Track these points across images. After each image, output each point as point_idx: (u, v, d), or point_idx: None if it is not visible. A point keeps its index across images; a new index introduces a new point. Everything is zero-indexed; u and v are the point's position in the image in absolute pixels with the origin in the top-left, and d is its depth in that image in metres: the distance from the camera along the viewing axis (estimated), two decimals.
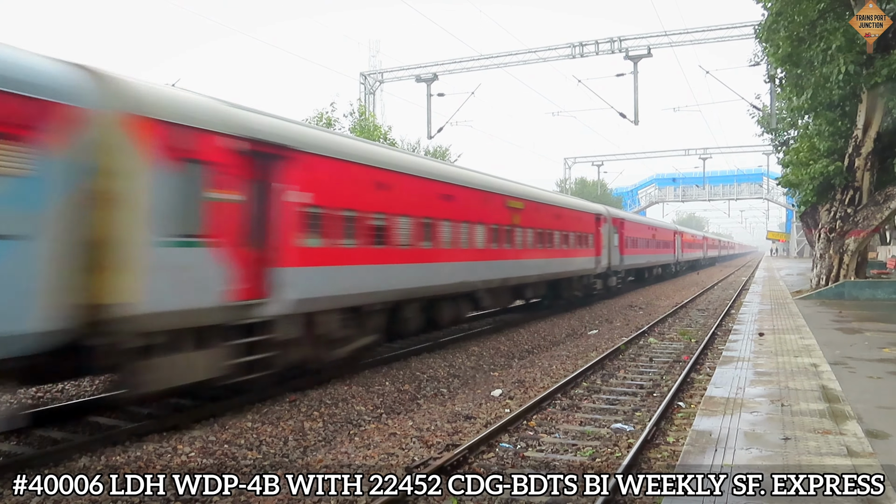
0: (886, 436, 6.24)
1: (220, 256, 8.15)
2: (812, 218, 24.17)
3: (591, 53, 30.91)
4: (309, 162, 9.84)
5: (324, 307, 10.20)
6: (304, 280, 9.64)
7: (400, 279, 12.30)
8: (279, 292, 9.06)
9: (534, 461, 7.25)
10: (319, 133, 11.15)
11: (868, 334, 13.20)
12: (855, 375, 9.11)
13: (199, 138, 7.91)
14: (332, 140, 11.51)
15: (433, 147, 38.69)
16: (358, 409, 9.51)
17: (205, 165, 7.96)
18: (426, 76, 31.92)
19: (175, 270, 7.56)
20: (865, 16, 16.09)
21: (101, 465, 6.81)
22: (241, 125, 8.68)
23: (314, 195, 9.90)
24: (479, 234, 15.47)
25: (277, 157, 9.11)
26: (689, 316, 22.40)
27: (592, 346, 15.41)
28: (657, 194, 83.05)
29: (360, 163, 11.26)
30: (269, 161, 8.95)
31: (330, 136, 11.99)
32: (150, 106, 7.46)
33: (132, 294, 7.09)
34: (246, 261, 8.54)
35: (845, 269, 21.64)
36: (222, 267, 8.17)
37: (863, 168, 20.69)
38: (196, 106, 8.25)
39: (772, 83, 27.11)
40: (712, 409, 7.31)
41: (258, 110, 9.71)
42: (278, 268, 9.05)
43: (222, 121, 8.40)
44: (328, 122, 31.50)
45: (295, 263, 9.42)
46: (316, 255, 9.97)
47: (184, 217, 7.71)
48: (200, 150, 7.92)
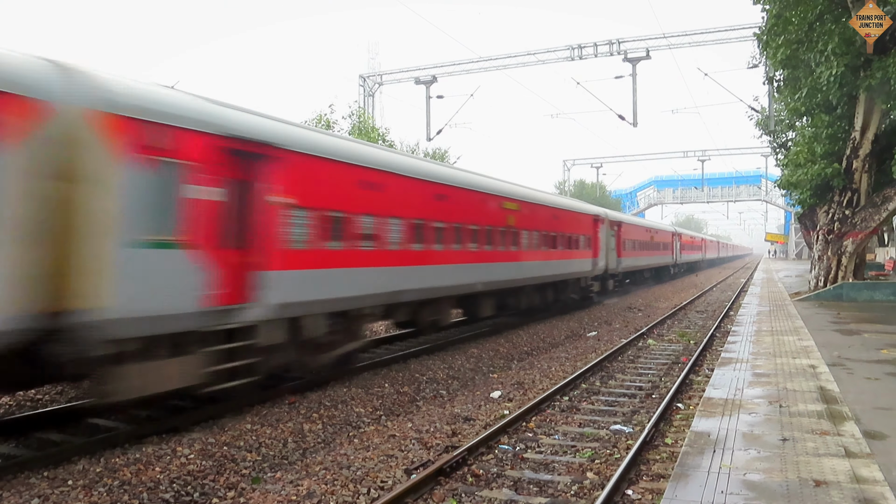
0: (884, 437, 6.26)
1: (198, 259, 7.90)
2: (810, 220, 24.24)
3: (589, 56, 30.95)
4: (293, 161, 9.54)
5: (310, 311, 9.97)
6: (289, 283, 9.40)
7: (391, 282, 12.10)
8: (263, 296, 8.84)
9: (533, 462, 7.26)
10: (304, 131, 10.71)
11: (866, 336, 13.22)
12: (853, 377, 9.13)
13: (173, 136, 7.61)
14: (317, 139, 11.03)
15: (432, 149, 38.71)
16: (357, 411, 9.52)
17: (180, 164, 7.68)
18: (425, 78, 31.97)
19: (147, 274, 7.29)
20: (865, 16, 16.10)
21: (101, 467, 6.82)
22: (220, 122, 8.36)
23: (299, 196, 9.63)
24: (472, 236, 15.24)
25: (260, 156, 8.86)
26: (687, 318, 22.42)
27: (591, 348, 15.42)
28: (656, 196, 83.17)
29: (348, 162, 10.93)
30: (250, 160, 8.70)
31: (315, 134, 11.47)
32: (121, 102, 7.12)
33: (100, 299, 6.78)
34: (226, 264, 8.30)
35: (843, 271, 21.68)
36: (200, 270, 7.92)
37: (860, 170, 20.75)
38: (170, 102, 7.89)
39: (770, 85, 27.18)
40: (711, 411, 7.32)
41: (240, 107, 9.40)
42: (261, 271, 8.82)
43: (199, 118, 8.07)
44: (327, 124, 31.54)
45: (279, 267, 9.20)
46: (301, 258, 9.73)
47: (156, 218, 7.43)
48: (175, 149, 7.63)
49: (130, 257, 7.10)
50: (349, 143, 12.67)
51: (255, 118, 9.44)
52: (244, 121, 9.01)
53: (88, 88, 6.97)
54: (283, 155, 9.32)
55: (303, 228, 9.72)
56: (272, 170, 9.08)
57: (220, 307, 8.20)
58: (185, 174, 7.76)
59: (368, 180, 11.43)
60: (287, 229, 9.38)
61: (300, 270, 9.67)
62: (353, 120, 33.61)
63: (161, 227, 7.49)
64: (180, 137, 7.73)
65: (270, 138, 9.20)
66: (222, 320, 8.29)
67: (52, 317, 6.51)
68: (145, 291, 7.27)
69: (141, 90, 7.72)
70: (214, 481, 6.72)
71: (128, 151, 7.11)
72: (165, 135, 7.54)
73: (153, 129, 7.40)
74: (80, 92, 6.86)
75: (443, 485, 6.55)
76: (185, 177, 7.75)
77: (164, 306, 7.50)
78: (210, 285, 8.03)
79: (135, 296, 7.13)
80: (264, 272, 8.86)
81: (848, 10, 18.13)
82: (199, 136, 7.98)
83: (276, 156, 9.15)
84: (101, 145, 6.89)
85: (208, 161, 8.07)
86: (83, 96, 6.86)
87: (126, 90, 7.43)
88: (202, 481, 6.69)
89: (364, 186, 11.30)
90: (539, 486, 6.58)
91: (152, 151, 7.38)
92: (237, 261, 8.48)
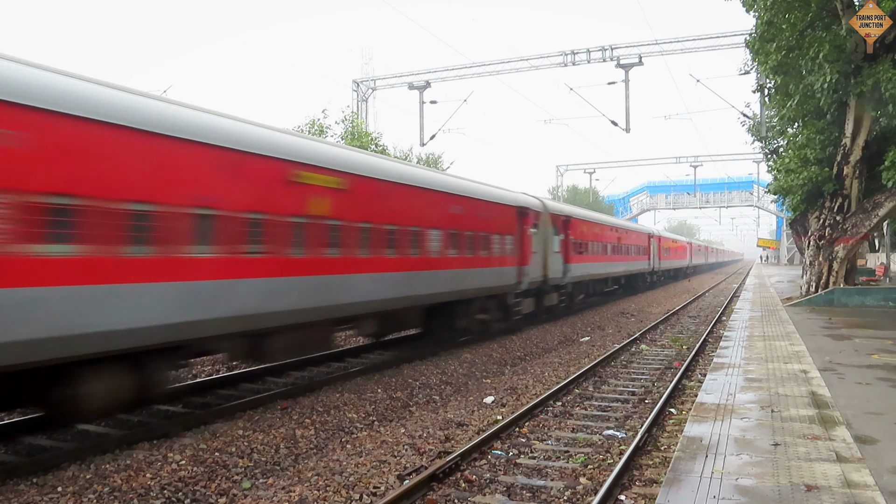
0: (875, 441, 6.29)
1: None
2: (802, 225, 24.34)
3: (582, 62, 31.07)
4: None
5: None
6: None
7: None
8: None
9: (526, 468, 7.25)
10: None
11: (857, 340, 13.28)
12: (844, 381, 9.16)
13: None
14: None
15: (426, 154, 38.68)
16: (350, 417, 9.49)
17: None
18: (419, 83, 32.05)
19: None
20: (865, 16, 16.15)
21: (91, 473, 6.77)
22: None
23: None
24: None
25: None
26: (680, 323, 22.49)
27: (585, 353, 15.44)
28: (649, 202, 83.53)
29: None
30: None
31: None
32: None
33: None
34: None
35: (835, 276, 21.80)
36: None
37: (851, 176, 20.89)
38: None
39: (761, 93, 27.36)
40: (703, 416, 7.34)
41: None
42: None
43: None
44: (320, 129, 31.53)
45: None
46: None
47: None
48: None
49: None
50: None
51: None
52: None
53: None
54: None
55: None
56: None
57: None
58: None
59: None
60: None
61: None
62: (346, 125, 33.61)
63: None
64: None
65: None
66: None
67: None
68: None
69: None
70: (206, 487, 6.68)
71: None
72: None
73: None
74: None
75: (435, 490, 6.53)
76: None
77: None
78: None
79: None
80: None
81: (838, 18, 18.30)
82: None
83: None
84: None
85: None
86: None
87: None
88: (193, 487, 6.65)
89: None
90: (532, 491, 6.57)
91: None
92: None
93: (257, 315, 9.12)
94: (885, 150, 19.39)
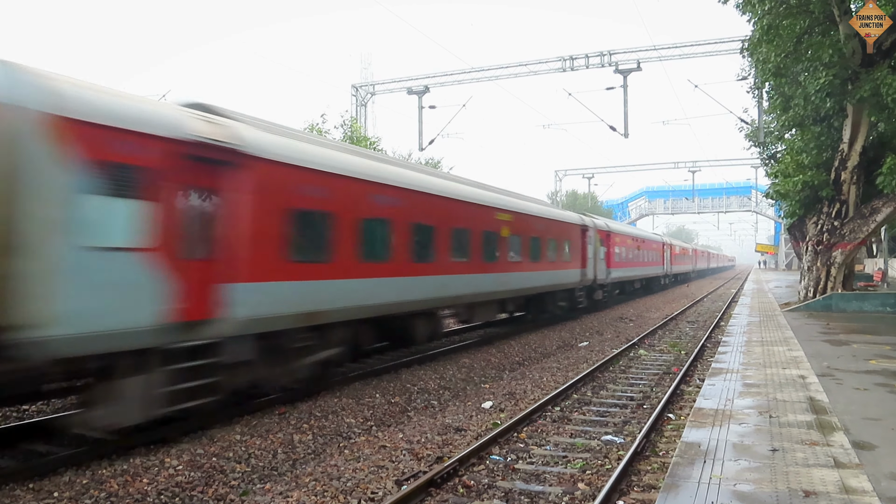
0: (873, 447, 6.29)
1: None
2: (799, 230, 24.36)
3: (581, 67, 31.16)
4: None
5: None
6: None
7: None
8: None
9: (524, 473, 7.24)
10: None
11: (855, 346, 13.29)
12: (842, 387, 9.17)
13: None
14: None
15: (425, 159, 38.74)
16: (348, 422, 9.47)
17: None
18: (418, 88, 32.08)
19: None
20: (865, 16, 16.17)
21: (87, 478, 6.74)
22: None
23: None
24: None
25: (227, 162, 8.46)
26: (678, 328, 22.49)
27: (583, 358, 15.43)
28: (647, 207, 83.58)
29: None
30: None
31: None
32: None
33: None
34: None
35: (832, 282, 21.83)
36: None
37: (849, 181, 20.94)
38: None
39: (758, 98, 27.43)
40: (701, 421, 7.33)
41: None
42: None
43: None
44: (318, 134, 31.54)
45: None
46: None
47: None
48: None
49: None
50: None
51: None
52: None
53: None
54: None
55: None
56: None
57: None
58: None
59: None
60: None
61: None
62: (344, 129, 33.65)
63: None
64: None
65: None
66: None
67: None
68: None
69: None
70: (203, 493, 6.65)
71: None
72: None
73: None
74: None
75: (434, 496, 6.52)
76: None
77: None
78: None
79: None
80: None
81: (836, 24, 18.35)
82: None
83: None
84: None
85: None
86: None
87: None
88: (190, 493, 6.63)
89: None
90: (530, 497, 6.56)
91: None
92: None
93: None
94: (882, 156, 19.46)
